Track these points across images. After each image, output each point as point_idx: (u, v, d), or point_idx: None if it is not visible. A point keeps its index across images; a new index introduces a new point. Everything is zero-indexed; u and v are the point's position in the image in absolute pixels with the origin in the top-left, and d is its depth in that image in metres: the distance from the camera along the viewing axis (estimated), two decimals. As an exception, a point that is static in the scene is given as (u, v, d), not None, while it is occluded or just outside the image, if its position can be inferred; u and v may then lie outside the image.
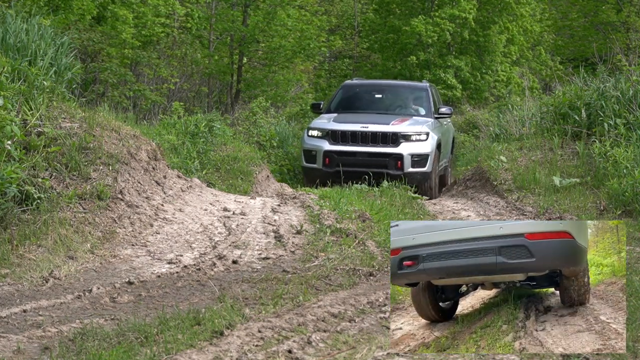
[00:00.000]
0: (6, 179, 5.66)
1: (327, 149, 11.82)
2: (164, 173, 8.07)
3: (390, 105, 13.41)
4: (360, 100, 13.55)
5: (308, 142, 12.19)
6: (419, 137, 11.81)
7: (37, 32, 8.20)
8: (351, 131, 11.79)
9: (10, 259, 5.33)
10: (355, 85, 14.36)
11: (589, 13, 29.06)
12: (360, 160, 11.64)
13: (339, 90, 13.99)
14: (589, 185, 8.91)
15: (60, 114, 7.23)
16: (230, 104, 23.04)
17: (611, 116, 10.25)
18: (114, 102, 15.61)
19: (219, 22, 23.40)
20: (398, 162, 11.48)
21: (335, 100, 13.63)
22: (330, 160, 11.73)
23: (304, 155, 12.20)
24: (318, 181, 11.90)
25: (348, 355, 3.67)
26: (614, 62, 14.03)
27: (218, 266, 5.64)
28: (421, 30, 24.01)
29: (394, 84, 15.34)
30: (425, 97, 13.38)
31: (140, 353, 3.69)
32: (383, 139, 11.65)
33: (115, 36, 18.37)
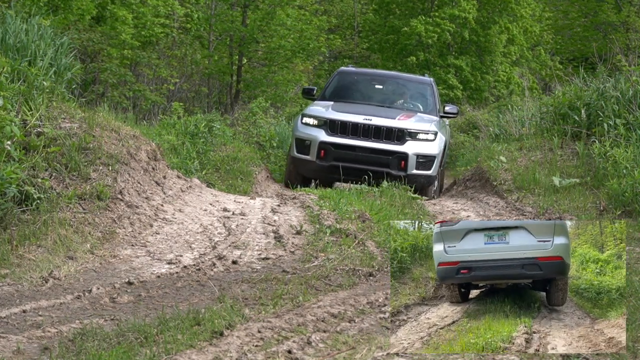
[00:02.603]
0: (6, 179, 5.66)
1: (323, 139, 10.59)
2: (164, 173, 8.07)
3: (392, 99, 12.22)
4: (358, 90, 12.31)
5: (302, 130, 10.90)
6: (426, 137, 10.73)
7: (37, 32, 8.21)
8: (352, 123, 10.60)
9: (10, 259, 5.33)
10: (352, 72, 12.99)
11: (589, 13, 29.07)
12: (360, 156, 10.50)
13: (335, 77, 12.68)
14: (588, 185, 8.91)
15: (60, 114, 7.23)
16: (230, 104, 23.04)
17: (611, 116, 10.25)
18: (113, 103, 15.61)
19: (218, 23, 23.41)
20: (402, 162, 10.44)
21: (330, 87, 12.35)
22: (325, 152, 10.55)
23: (295, 144, 10.90)
24: (306, 176, 10.93)
25: (348, 356, 3.67)
26: (613, 62, 14.02)
27: (218, 266, 5.64)
28: (421, 31, 24.02)
29: (396, 75, 13.94)
30: (430, 93, 12.27)
31: (140, 353, 3.69)
32: (387, 134, 10.54)
33: (115, 36, 18.39)
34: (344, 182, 10.67)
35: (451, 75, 24.31)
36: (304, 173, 11.03)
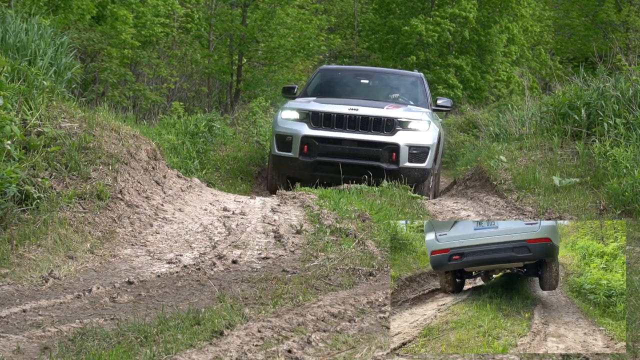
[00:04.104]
0: (6, 179, 5.66)
1: (305, 133, 9.75)
2: (164, 173, 8.07)
3: (379, 93, 11.35)
4: (342, 85, 11.43)
5: (282, 125, 10.02)
6: (418, 125, 9.92)
7: (37, 32, 8.21)
8: (337, 114, 9.75)
9: (10, 258, 5.33)
10: (336, 69, 12.23)
11: (589, 12, 29.09)
12: (347, 150, 9.67)
13: (316, 74, 11.77)
14: (588, 185, 8.91)
15: (60, 113, 7.24)
16: (230, 104, 23.04)
17: (611, 116, 10.25)
18: (113, 102, 15.63)
19: (218, 22, 23.42)
20: (393, 154, 9.66)
21: (312, 84, 11.43)
22: (309, 148, 9.71)
23: (275, 141, 10.03)
24: (289, 175, 10.02)
25: (348, 355, 3.67)
26: (613, 61, 14.03)
27: (218, 266, 5.64)
28: (421, 30, 24.01)
29: (383, 70, 13.05)
30: (419, 87, 11.50)
31: (140, 353, 3.69)
32: (376, 125, 9.72)
33: (115, 36, 18.39)
34: (326, 184, 9.78)
35: (451, 74, 24.31)
36: (286, 172, 10.15)
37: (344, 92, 11.19)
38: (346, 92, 11.20)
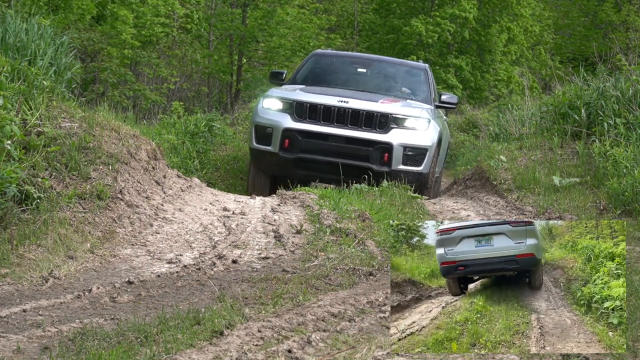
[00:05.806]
0: (6, 179, 5.66)
1: (287, 126, 8.72)
2: (164, 173, 8.07)
3: (377, 84, 10.20)
4: (336, 74, 10.25)
5: (262, 115, 8.96)
6: (416, 123, 8.91)
7: (37, 31, 8.21)
8: (324, 105, 8.70)
9: (10, 258, 5.33)
10: (331, 55, 10.92)
11: (589, 12, 29.10)
12: (333, 147, 8.69)
13: (309, 59, 10.58)
14: (588, 185, 8.91)
15: (60, 113, 7.24)
16: (230, 104, 23.04)
17: (611, 116, 10.26)
18: (113, 102, 15.63)
19: (218, 22, 23.42)
20: (384, 155, 8.69)
21: (303, 70, 10.31)
22: (290, 142, 8.68)
23: (254, 132, 8.99)
24: (267, 172, 9.11)
25: (348, 355, 3.67)
26: (613, 61, 14.03)
27: (218, 266, 5.64)
28: (421, 30, 24.02)
29: (384, 59, 11.47)
30: (423, 79, 10.37)
31: (140, 353, 3.69)
32: (367, 120, 8.68)
33: (115, 36, 18.40)
34: (307, 183, 9.06)
35: (451, 74, 24.31)
36: (264, 168, 9.14)
37: (336, 81, 10.06)
38: (339, 81, 10.08)
